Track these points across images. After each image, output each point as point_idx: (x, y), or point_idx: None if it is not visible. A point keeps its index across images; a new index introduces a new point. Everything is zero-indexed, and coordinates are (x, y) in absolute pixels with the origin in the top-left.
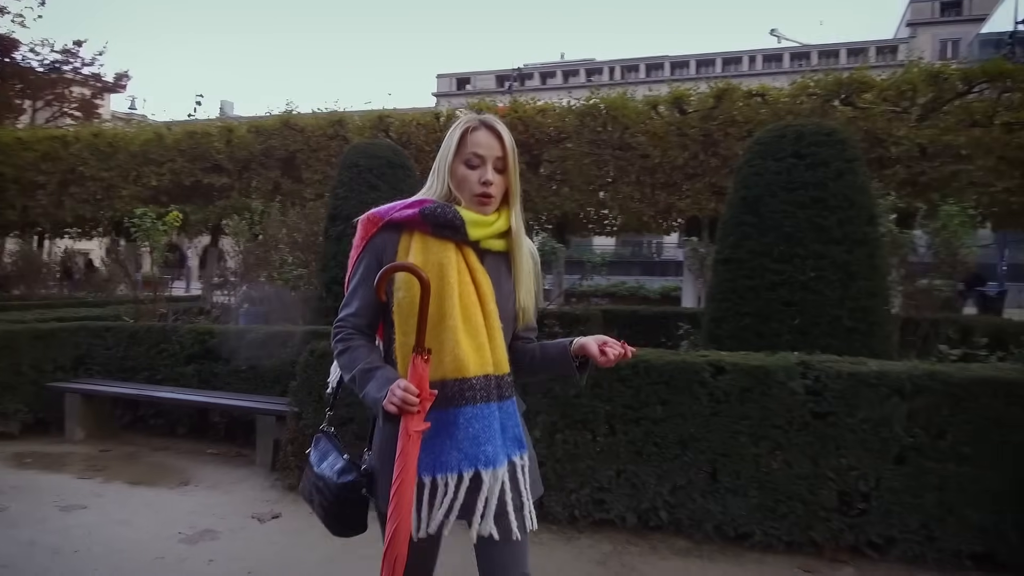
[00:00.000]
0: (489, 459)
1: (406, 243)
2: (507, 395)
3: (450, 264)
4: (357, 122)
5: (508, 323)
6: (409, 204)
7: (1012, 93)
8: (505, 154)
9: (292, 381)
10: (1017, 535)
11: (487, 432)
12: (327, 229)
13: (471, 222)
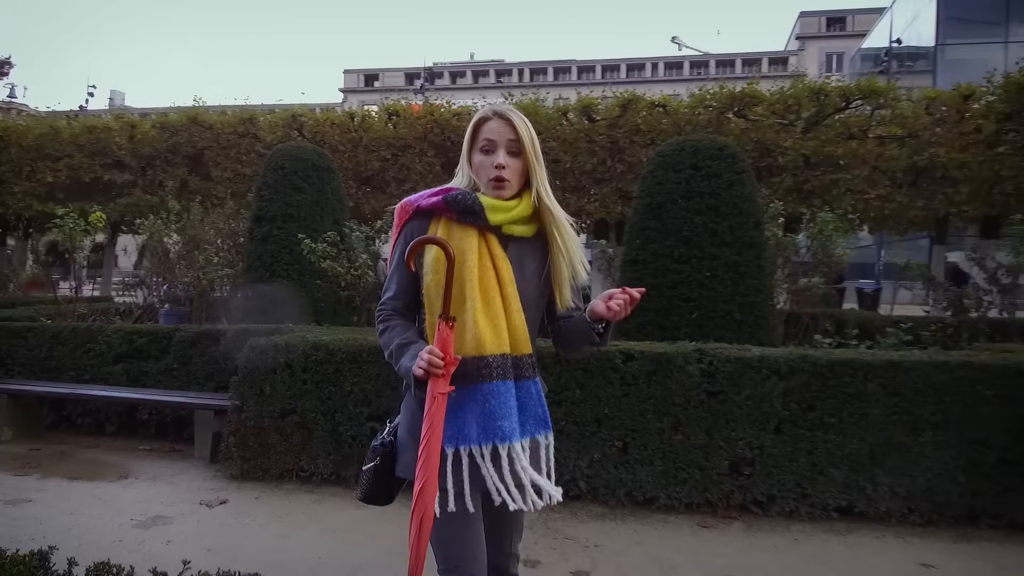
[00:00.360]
0: (505, 434)
1: (433, 229)
2: (527, 375)
3: (471, 249)
4: (269, 120)
5: (532, 306)
6: (435, 192)
7: (883, 109)
8: (518, 137)
9: (233, 376)
10: (871, 489)
11: (503, 408)
12: (252, 230)
13: (490, 207)
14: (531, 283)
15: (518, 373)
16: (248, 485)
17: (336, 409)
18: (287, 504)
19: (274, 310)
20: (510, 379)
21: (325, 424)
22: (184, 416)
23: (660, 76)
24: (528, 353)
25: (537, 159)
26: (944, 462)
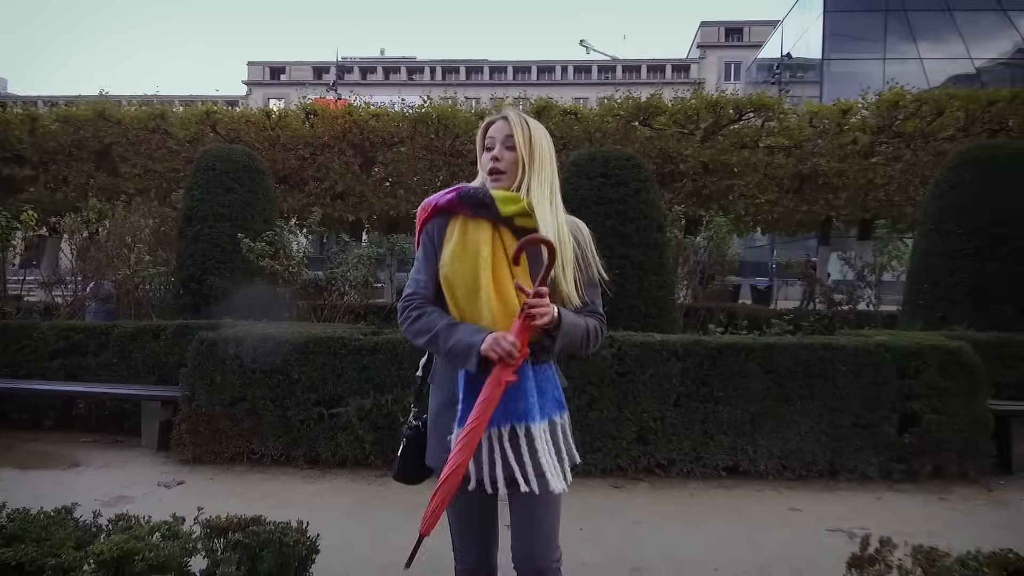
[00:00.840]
0: (521, 415)
1: (452, 225)
2: (542, 359)
3: (485, 241)
4: (181, 116)
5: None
6: (451, 190)
7: (772, 122)
8: (512, 132)
9: (182, 368)
10: (752, 451)
11: (520, 391)
12: (182, 229)
13: (499, 199)
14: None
15: (534, 357)
16: (201, 468)
17: (285, 396)
18: (241, 483)
19: (206, 307)
20: (527, 362)
21: (274, 410)
22: (126, 408)
23: (570, 79)
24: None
25: (530, 156)
26: (810, 427)
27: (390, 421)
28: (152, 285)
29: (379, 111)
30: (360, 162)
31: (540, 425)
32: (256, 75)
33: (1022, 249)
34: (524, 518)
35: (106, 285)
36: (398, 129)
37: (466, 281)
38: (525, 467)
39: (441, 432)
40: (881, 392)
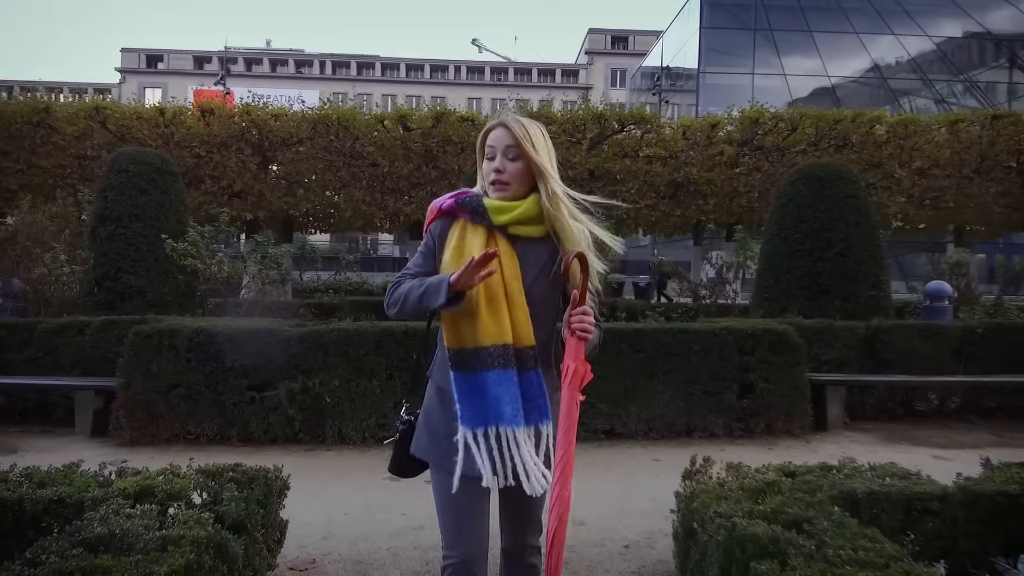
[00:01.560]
0: (507, 418)
1: (454, 229)
2: (527, 366)
3: (477, 248)
4: (68, 111)
5: (541, 303)
6: (453, 195)
7: (650, 134)
8: (516, 142)
9: (120, 359)
10: (625, 416)
11: (507, 395)
12: (95, 228)
13: (493, 209)
14: (539, 281)
15: (521, 363)
16: (139, 449)
17: (218, 381)
18: (180, 461)
19: (121, 304)
20: (512, 368)
21: (209, 394)
22: (51, 400)
23: (463, 79)
24: (530, 345)
25: (541, 162)
26: (670, 396)
27: (316, 401)
28: (63, 283)
29: (278, 111)
30: (258, 161)
31: (524, 430)
32: (131, 63)
33: (844, 252)
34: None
35: (15, 283)
36: (297, 129)
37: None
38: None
39: (433, 429)
40: (725, 366)
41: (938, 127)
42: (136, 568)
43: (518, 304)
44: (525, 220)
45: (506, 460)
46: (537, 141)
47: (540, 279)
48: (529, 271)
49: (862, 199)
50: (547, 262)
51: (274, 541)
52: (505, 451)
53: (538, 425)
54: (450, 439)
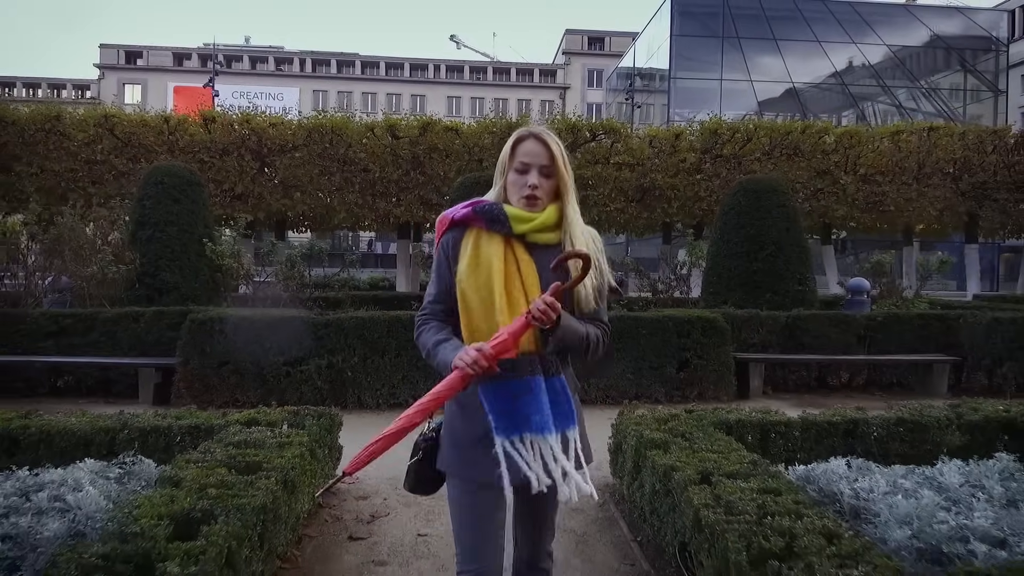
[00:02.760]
0: (535, 426)
1: (468, 238)
2: (553, 372)
3: (497, 255)
4: (78, 118)
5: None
6: (467, 204)
7: (619, 143)
8: (553, 161)
9: (178, 340)
10: (587, 386)
11: (535, 403)
12: (135, 233)
13: (514, 217)
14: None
15: (546, 370)
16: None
17: (260, 359)
18: None
19: (159, 297)
20: (539, 375)
21: (252, 369)
22: (110, 377)
23: (443, 78)
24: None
25: (568, 179)
26: (623, 370)
27: (339, 375)
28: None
29: (276, 119)
30: (257, 166)
31: (554, 436)
32: (110, 59)
33: (775, 253)
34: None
35: (64, 280)
36: (294, 136)
37: (480, 294)
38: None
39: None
40: (666, 347)
41: (881, 138)
42: (269, 453)
43: None
44: (544, 228)
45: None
46: (565, 157)
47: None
48: (547, 278)
49: (791, 209)
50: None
51: (335, 459)
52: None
53: (565, 431)
54: (475, 449)
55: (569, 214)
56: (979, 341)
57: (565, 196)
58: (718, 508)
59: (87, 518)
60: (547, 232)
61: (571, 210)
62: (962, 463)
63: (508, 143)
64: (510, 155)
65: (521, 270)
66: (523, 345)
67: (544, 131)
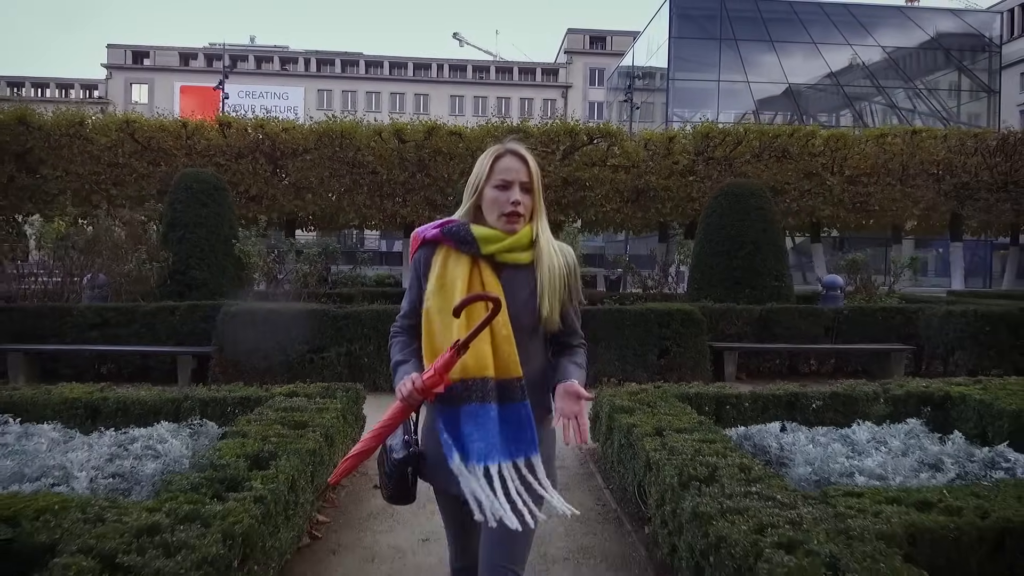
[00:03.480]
0: (480, 455)
1: (437, 257)
2: (515, 398)
3: (461, 277)
4: (100, 123)
5: (528, 332)
6: (437, 224)
7: (615, 146)
8: (531, 177)
9: (213, 329)
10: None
11: (481, 431)
12: (166, 234)
13: (482, 238)
14: (525, 309)
15: (504, 396)
16: None
17: (286, 346)
18: None
19: (188, 292)
20: (491, 401)
21: (279, 356)
22: (149, 364)
23: (446, 77)
24: (517, 376)
25: (541, 197)
26: (610, 356)
27: (357, 361)
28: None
29: (288, 124)
30: (271, 169)
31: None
32: (117, 59)
33: (753, 252)
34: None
35: (101, 277)
36: (305, 141)
37: (442, 315)
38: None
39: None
40: (649, 336)
41: (866, 140)
42: (311, 415)
43: (503, 335)
44: (513, 248)
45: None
46: (539, 174)
47: (527, 307)
48: (516, 297)
49: (768, 211)
50: (532, 290)
51: (360, 426)
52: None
53: (529, 456)
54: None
55: (541, 232)
56: (934, 332)
57: (538, 215)
58: (663, 451)
59: (174, 461)
60: (517, 251)
61: (543, 226)
62: (875, 425)
63: (485, 160)
64: (488, 172)
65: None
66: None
67: (522, 147)
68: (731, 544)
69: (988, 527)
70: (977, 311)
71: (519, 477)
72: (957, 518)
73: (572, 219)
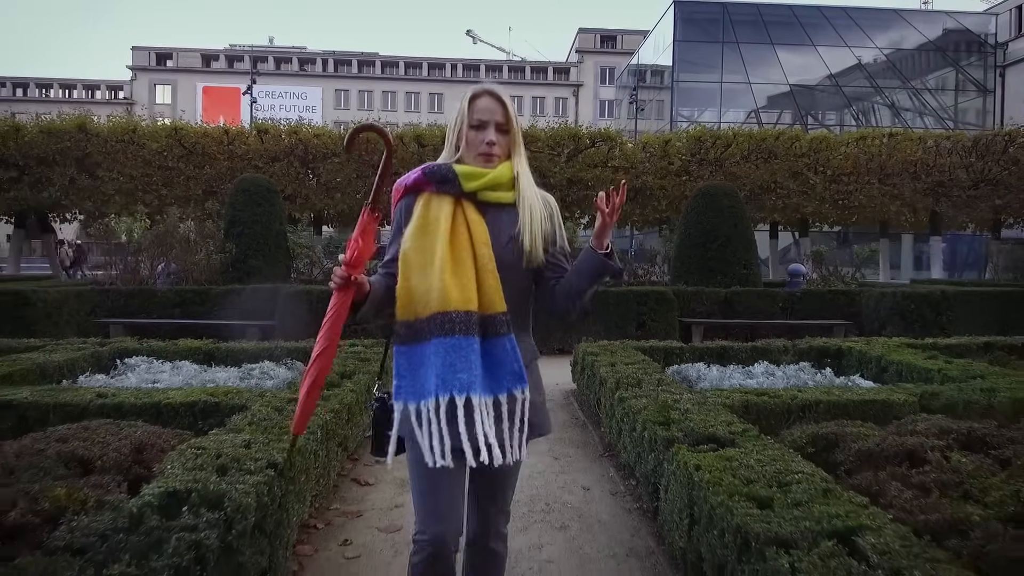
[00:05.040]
0: (463, 385)
1: (419, 202)
2: (499, 332)
3: (445, 216)
4: (151, 130)
5: (512, 270)
6: (419, 169)
7: (615, 148)
8: (507, 117)
9: (274, 308)
10: (571, 340)
11: (463, 362)
12: (228, 230)
13: (463, 175)
14: (509, 247)
15: (487, 330)
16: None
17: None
18: None
19: (247, 278)
20: (473, 335)
21: None
22: (222, 335)
23: (459, 77)
24: (501, 311)
25: (519, 137)
26: (596, 329)
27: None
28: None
29: (319, 130)
30: (304, 171)
31: (483, 398)
32: (141, 60)
33: (725, 244)
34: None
35: (173, 265)
36: (334, 145)
37: (423, 254)
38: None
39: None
40: (628, 312)
41: (847, 142)
42: (370, 354)
43: (488, 269)
44: (495, 186)
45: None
46: (516, 115)
47: (510, 244)
48: (500, 236)
49: (739, 209)
50: (517, 227)
51: None
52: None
53: (512, 391)
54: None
55: (521, 171)
56: (870, 310)
57: (516, 154)
58: (611, 372)
59: (283, 381)
60: (500, 191)
61: (522, 167)
62: (771, 364)
63: (463, 100)
64: (467, 112)
65: (471, 230)
66: (463, 303)
67: (498, 87)
68: (635, 411)
69: (796, 404)
70: (904, 292)
71: (496, 415)
72: (776, 399)
73: (579, 215)
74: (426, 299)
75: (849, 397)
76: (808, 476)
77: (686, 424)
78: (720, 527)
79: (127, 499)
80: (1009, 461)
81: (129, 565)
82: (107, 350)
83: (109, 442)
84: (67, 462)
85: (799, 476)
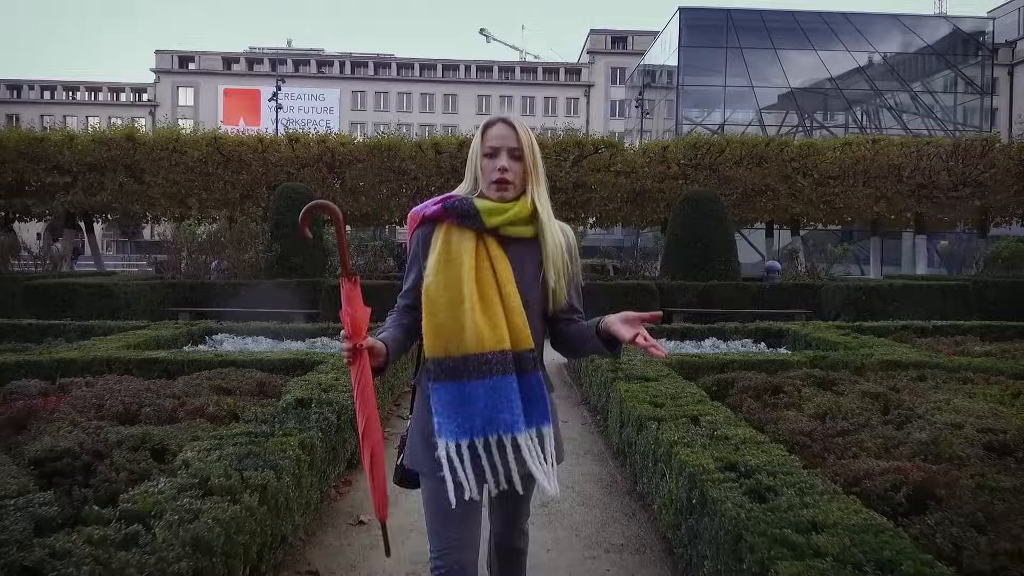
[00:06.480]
0: (508, 425)
1: (438, 234)
2: (529, 369)
3: (468, 251)
4: (192, 139)
5: (535, 305)
6: (437, 200)
7: (616, 155)
8: (520, 144)
9: (319, 297)
10: None
11: (505, 402)
12: (273, 231)
13: (485, 210)
14: (533, 283)
15: (520, 367)
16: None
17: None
18: None
19: (289, 274)
20: (512, 373)
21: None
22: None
23: (473, 78)
24: (529, 348)
25: (535, 164)
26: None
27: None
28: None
29: (345, 139)
30: (331, 178)
31: (526, 433)
32: (164, 63)
33: (707, 243)
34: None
35: (223, 262)
36: (359, 152)
37: (449, 291)
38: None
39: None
40: (615, 302)
41: (834, 148)
42: None
43: (515, 308)
44: (517, 221)
45: (498, 467)
46: (534, 144)
47: (534, 280)
48: (523, 272)
49: (720, 212)
50: (538, 264)
51: None
52: (497, 458)
53: (540, 427)
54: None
55: (540, 204)
56: (827, 301)
57: (536, 185)
58: None
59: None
60: (521, 225)
61: (542, 200)
62: (719, 340)
63: (477, 132)
64: (480, 142)
65: (495, 266)
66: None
67: (512, 116)
68: (601, 370)
69: (717, 362)
70: (856, 285)
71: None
72: (703, 359)
73: (583, 217)
74: (458, 338)
75: (757, 358)
76: (692, 394)
77: (628, 371)
78: (632, 420)
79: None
80: (842, 392)
81: (295, 424)
82: (197, 328)
83: (241, 380)
84: (216, 391)
85: (686, 395)
